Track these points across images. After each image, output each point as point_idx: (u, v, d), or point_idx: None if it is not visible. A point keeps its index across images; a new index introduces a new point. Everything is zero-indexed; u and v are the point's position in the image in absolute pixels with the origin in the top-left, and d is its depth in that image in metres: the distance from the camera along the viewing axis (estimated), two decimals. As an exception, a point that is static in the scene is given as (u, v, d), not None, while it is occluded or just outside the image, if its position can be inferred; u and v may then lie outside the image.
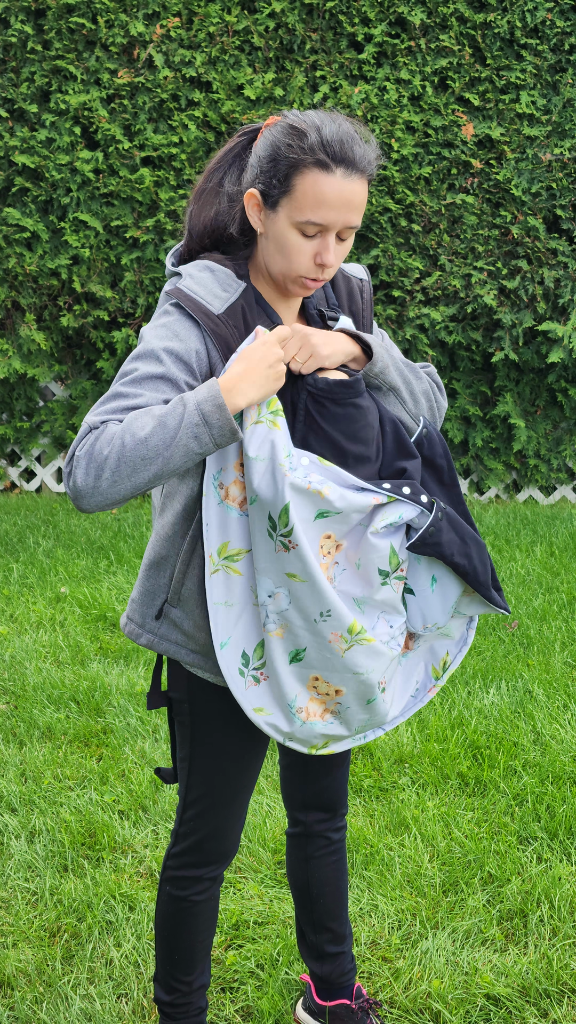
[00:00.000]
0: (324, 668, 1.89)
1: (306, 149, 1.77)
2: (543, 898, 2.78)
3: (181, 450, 1.71)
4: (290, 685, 1.89)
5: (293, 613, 1.85)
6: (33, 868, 2.94)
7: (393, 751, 3.55)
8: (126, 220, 6.88)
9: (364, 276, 2.06)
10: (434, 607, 1.98)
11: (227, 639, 1.88)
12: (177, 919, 2.12)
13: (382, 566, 1.88)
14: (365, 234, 6.99)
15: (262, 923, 2.71)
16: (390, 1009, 2.43)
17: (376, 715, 1.97)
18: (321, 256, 1.82)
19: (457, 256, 7.05)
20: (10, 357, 6.96)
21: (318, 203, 1.78)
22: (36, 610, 4.91)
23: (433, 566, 1.95)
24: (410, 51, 6.91)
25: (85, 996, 2.46)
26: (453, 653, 2.09)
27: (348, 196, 1.79)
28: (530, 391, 7.38)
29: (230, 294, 1.85)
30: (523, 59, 6.94)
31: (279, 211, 1.81)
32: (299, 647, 1.87)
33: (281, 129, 1.81)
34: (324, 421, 1.85)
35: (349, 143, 1.78)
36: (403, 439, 1.93)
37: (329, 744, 1.98)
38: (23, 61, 6.81)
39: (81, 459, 1.71)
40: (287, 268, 1.84)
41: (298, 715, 1.91)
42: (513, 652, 4.46)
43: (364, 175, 1.81)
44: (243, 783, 2.06)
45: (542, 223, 7.01)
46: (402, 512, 1.87)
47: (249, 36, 6.84)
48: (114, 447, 1.69)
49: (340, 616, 1.85)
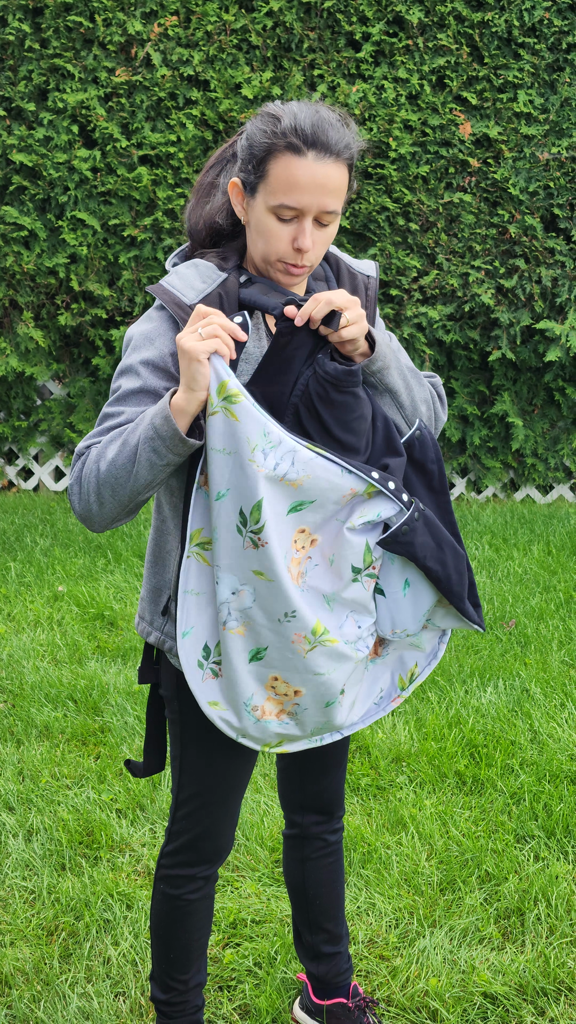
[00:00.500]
0: (285, 668, 1.86)
1: (278, 133, 1.77)
2: (540, 896, 2.78)
3: (145, 465, 1.75)
4: (247, 683, 1.86)
5: (257, 611, 1.82)
6: (31, 867, 2.94)
7: (391, 750, 3.55)
8: (124, 219, 6.87)
9: (372, 273, 2.04)
10: (404, 612, 1.96)
11: (189, 629, 1.85)
12: (172, 918, 2.12)
13: (355, 563, 1.86)
14: (363, 233, 7.00)
15: (259, 921, 2.71)
16: (387, 1007, 2.43)
17: (333, 719, 1.94)
18: (298, 240, 1.81)
19: (455, 255, 7.05)
20: (8, 355, 6.96)
21: (290, 186, 1.77)
22: (34, 609, 4.91)
23: (407, 570, 1.94)
24: (408, 50, 6.91)
25: (83, 995, 2.46)
26: (422, 665, 2.07)
27: (321, 179, 1.78)
28: (528, 390, 7.39)
29: (207, 285, 1.86)
30: (521, 58, 6.95)
31: (257, 197, 1.82)
32: (260, 646, 1.84)
33: (259, 117, 1.82)
34: (322, 405, 1.84)
35: (323, 127, 1.78)
36: (392, 437, 1.92)
37: (284, 744, 1.96)
38: (21, 59, 6.81)
39: (73, 488, 1.83)
40: (266, 253, 1.84)
41: (252, 713, 1.88)
42: (510, 651, 4.47)
43: (339, 158, 1.79)
44: (235, 782, 2.05)
45: (540, 222, 7.01)
46: (381, 510, 1.86)
47: (247, 35, 6.84)
48: (92, 472, 1.80)
49: (304, 618, 1.82)
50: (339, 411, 1.84)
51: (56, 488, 7.42)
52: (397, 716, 3.81)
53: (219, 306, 1.84)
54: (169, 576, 1.97)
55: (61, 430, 7.26)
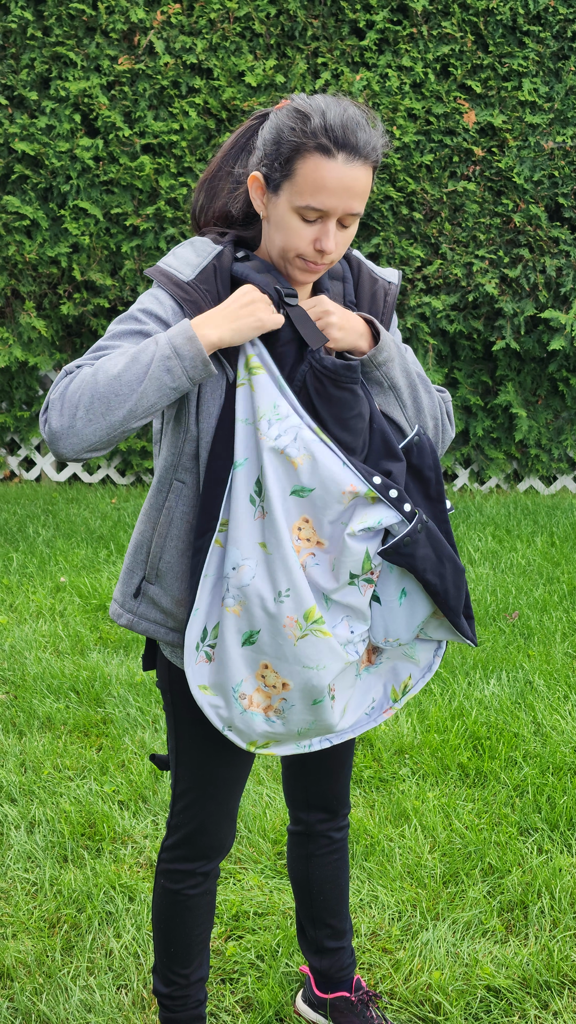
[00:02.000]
0: (275, 655, 1.84)
1: (308, 133, 1.75)
2: (544, 889, 2.77)
3: (155, 384, 1.70)
4: (237, 668, 1.84)
5: (254, 589, 1.80)
6: (33, 858, 2.93)
7: (393, 742, 3.54)
8: (126, 208, 6.85)
9: (394, 280, 2.02)
10: (398, 621, 1.94)
11: (198, 609, 1.86)
12: (172, 912, 2.12)
13: (354, 569, 1.85)
14: (366, 222, 6.96)
15: (262, 914, 2.70)
16: (390, 1000, 2.42)
17: (321, 721, 1.91)
18: (320, 242, 1.80)
19: (458, 244, 7.03)
20: (11, 345, 6.94)
21: (318, 188, 1.76)
22: (36, 600, 4.90)
23: (404, 579, 1.92)
24: (412, 38, 6.87)
25: (85, 987, 2.46)
26: (416, 678, 2.05)
27: (349, 183, 1.76)
28: (531, 380, 7.36)
29: (202, 259, 1.85)
30: (525, 46, 6.91)
31: (280, 195, 1.80)
32: (253, 628, 1.83)
33: (286, 112, 1.79)
34: (319, 400, 1.83)
35: (352, 128, 1.75)
36: (390, 440, 1.90)
37: (270, 745, 1.93)
38: (23, 47, 6.78)
39: (55, 402, 1.72)
40: (285, 249, 1.82)
41: (240, 701, 1.86)
42: (514, 643, 4.46)
43: (368, 161, 1.78)
44: (230, 776, 2.03)
45: (544, 211, 6.98)
46: (382, 517, 1.84)
47: (250, 22, 6.81)
48: (86, 385, 1.69)
49: (300, 596, 1.80)
50: (336, 407, 1.83)
51: (58, 479, 7.41)
52: (400, 708, 3.81)
53: (214, 280, 1.84)
54: (142, 558, 1.96)
55: (63, 420, 7.24)
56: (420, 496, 1.94)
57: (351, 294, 1.97)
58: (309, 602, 1.82)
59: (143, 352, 1.71)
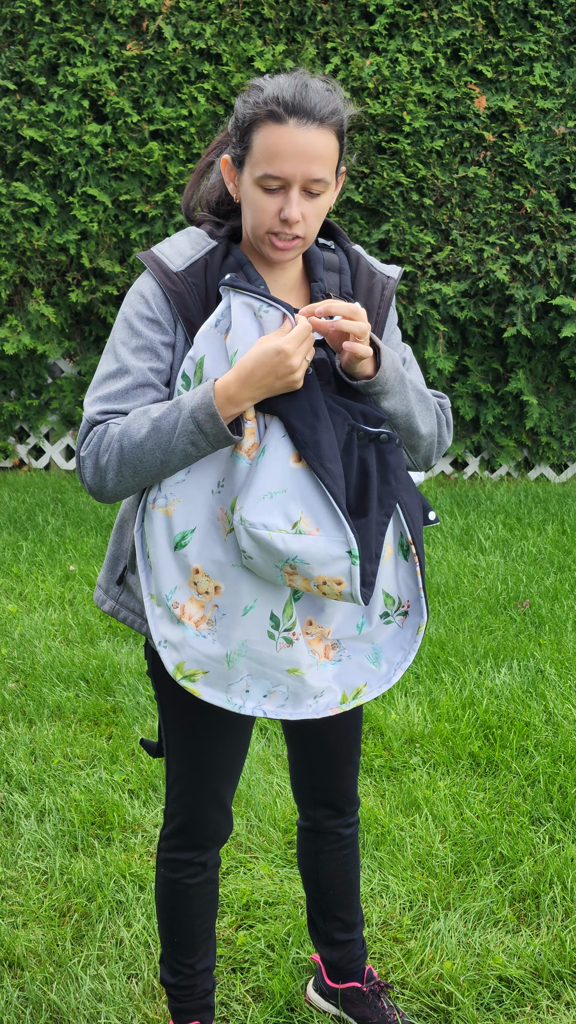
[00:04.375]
0: (205, 557, 1.79)
1: (259, 103, 1.74)
2: (555, 879, 2.76)
3: (179, 455, 1.74)
4: (170, 573, 1.80)
5: (190, 484, 1.78)
6: (43, 847, 2.93)
7: (404, 731, 3.53)
8: (135, 194, 6.82)
9: (394, 275, 1.98)
10: (259, 473, 1.79)
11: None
12: (173, 902, 2.11)
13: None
14: (376, 208, 6.93)
15: (272, 903, 2.70)
16: (402, 990, 2.41)
17: (255, 644, 1.83)
18: (284, 211, 1.76)
19: (469, 231, 6.98)
20: (19, 333, 6.93)
21: (272, 155, 1.73)
22: (45, 588, 4.89)
23: (272, 433, 1.79)
24: (422, 22, 6.82)
25: (95, 976, 2.45)
26: (372, 686, 1.97)
27: (302, 146, 1.73)
28: (542, 367, 7.32)
29: (196, 251, 1.84)
30: (537, 30, 6.85)
31: (244, 171, 1.79)
32: (187, 528, 1.79)
33: (244, 91, 1.80)
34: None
35: (303, 92, 1.73)
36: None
37: (197, 679, 1.85)
38: (31, 33, 6.74)
39: (87, 460, 1.78)
40: (255, 226, 1.80)
41: (173, 610, 1.81)
42: (524, 631, 4.44)
43: (323, 124, 1.75)
44: (217, 764, 2.02)
45: (555, 197, 6.93)
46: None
47: (259, 7, 6.76)
48: (113, 452, 1.75)
49: (232, 488, 1.76)
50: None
51: (67, 467, 7.40)
52: (410, 697, 3.79)
53: (203, 275, 1.83)
54: (127, 545, 1.95)
55: (72, 409, 7.23)
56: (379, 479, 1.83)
57: (348, 286, 1.93)
58: (234, 493, 1.78)
59: (165, 420, 1.72)
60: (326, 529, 1.74)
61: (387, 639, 1.98)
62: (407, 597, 1.96)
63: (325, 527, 1.74)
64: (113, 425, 1.77)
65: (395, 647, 1.98)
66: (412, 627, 1.97)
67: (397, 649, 1.98)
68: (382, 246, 7.03)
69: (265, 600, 1.83)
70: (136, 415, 1.75)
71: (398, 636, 1.98)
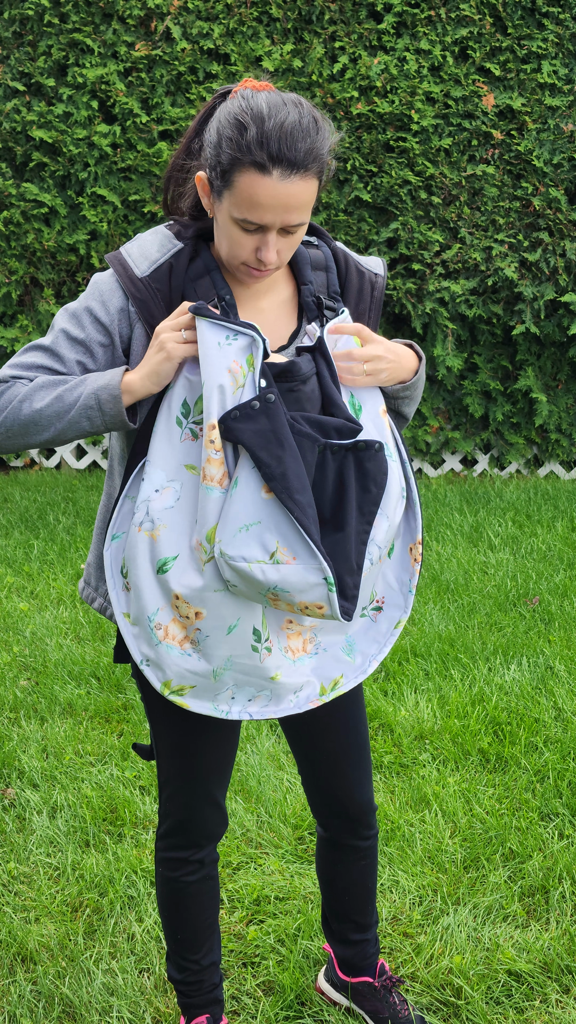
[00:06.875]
0: (185, 586, 1.79)
1: (243, 147, 1.69)
2: (565, 874, 2.77)
3: (73, 427, 1.81)
4: (152, 596, 1.81)
5: (176, 513, 1.78)
6: (55, 843, 2.95)
7: (413, 727, 3.54)
8: (144, 195, 6.84)
9: (380, 272, 1.99)
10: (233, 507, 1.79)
11: (120, 534, 1.86)
12: (173, 900, 2.12)
13: None
14: (384, 207, 6.93)
15: (283, 899, 2.71)
16: (412, 984, 2.43)
17: (240, 657, 1.84)
18: (260, 252, 1.77)
19: (478, 228, 6.99)
20: (30, 333, 6.95)
21: (253, 204, 1.72)
22: (57, 586, 4.92)
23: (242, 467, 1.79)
24: (430, 21, 6.82)
25: (107, 971, 2.47)
26: (348, 677, 1.98)
27: (284, 199, 1.71)
28: (551, 365, 7.32)
29: (161, 255, 1.84)
30: (545, 28, 6.85)
31: (223, 202, 1.76)
32: (169, 556, 1.79)
33: (227, 116, 1.73)
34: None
35: (290, 141, 1.68)
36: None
37: (185, 693, 1.87)
38: (40, 35, 6.77)
39: None
40: (230, 257, 1.80)
41: (156, 632, 1.82)
42: (534, 628, 4.44)
43: (307, 172, 1.72)
44: (207, 765, 2.02)
45: (564, 194, 6.93)
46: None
47: (267, 7, 6.77)
48: (12, 409, 1.82)
49: (205, 518, 1.76)
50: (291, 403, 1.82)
51: (78, 466, 7.43)
52: (420, 694, 3.81)
53: (167, 280, 1.83)
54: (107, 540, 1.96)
55: (83, 408, 7.26)
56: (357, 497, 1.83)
57: (335, 284, 1.93)
58: (211, 522, 1.77)
59: (70, 392, 1.80)
60: (302, 558, 1.75)
61: (359, 632, 2.00)
62: (382, 593, 1.97)
63: (300, 556, 1.75)
64: (20, 385, 1.83)
65: (368, 640, 2.00)
66: (388, 621, 1.98)
67: (371, 642, 2.00)
68: (391, 244, 7.04)
69: (247, 616, 1.85)
70: (44, 382, 1.82)
71: (371, 630, 2.00)
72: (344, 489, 1.80)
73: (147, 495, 1.80)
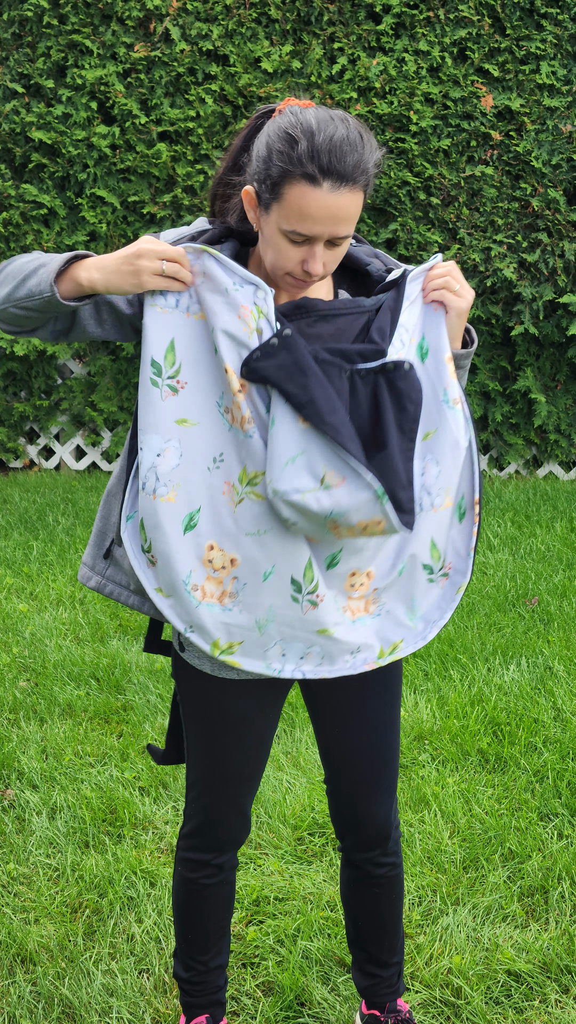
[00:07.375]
0: (217, 531, 1.81)
1: (294, 160, 1.73)
2: (564, 874, 2.77)
3: (33, 280, 1.79)
4: (183, 559, 1.82)
5: (185, 468, 1.80)
6: (55, 844, 2.95)
7: (413, 728, 3.54)
8: (143, 196, 6.84)
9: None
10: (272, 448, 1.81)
11: (133, 513, 1.86)
12: (189, 900, 2.12)
13: None
14: (383, 208, 6.94)
15: (282, 899, 2.71)
16: (411, 984, 2.43)
17: (279, 604, 1.84)
18: (307, 264, 1.80)
19: (476, 229, 6.99)
20: (28, 335, 6.96)
21: (303, 216, 1.75)
22: (56, 588, 4.92)
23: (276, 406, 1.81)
24: (429, 22, 6.83)
25: (107, 971, 2.47)
26: (408, 642, 1.97)
27: (334, 211, 1.75)
28: (550, 365, 7.33)
29: (189, 231, 1.90)
30: (543, 29, 6.85)
31: (270, 215, 1.79)
32: (193, 509, 1.81)
33: (277, 131, 1.77)
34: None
35: (339, 154, 1.72)
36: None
37: (235, 650, 1.86)
38: (39, 36, 6.77)
39: None
40: (275, 268, 1.83)
41: (193, 594, 1.83)
42: (533, 628, 4.45)
43: (356, 185, 1.76)
44: (236, 772, 2.02)
45: (563, 195, 6.94)
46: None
47: (266, 8, 6.78)
48: (6, 263, 1.88)
49: (230, 462, 1.79)
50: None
51: (77, 467, 7.43)
52: (419, 694, 3.81)
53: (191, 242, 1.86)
54: (114, 519, 1.97)
55: (82, 409, 7.26)
56: (394, 426, 1.83)
57: (381, 270, 1.97)
58: (239, 465, 1.80)
59: (45, 255, 1.83)
60: (349, 477, 1.77)
61: (424, 595, 1.98)
62: (451, 558, 1.97)
63: (348, 475, 1.78)
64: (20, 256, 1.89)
65: (433, 606, 2.00)
66: (452, 587, 1.99)
67: (435, 608, 2.00)
68: (390, 245, 7.04)
69: (283, 565, 1.84)
70: (38, 254, 1.87)
71: (437, 594, 1.99)
72: (381, 411, 1.81)
73: (151, 462, 1.81)
